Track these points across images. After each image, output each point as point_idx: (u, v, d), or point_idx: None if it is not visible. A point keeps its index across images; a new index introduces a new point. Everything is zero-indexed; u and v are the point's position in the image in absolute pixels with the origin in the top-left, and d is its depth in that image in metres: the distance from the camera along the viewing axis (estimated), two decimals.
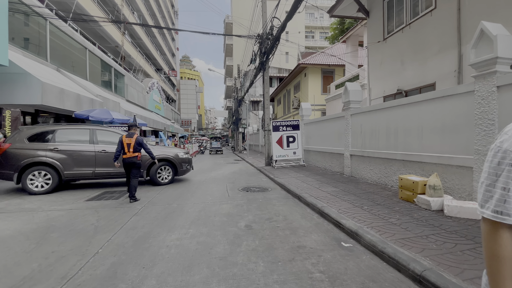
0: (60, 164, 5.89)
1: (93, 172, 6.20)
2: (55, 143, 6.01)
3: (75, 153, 6.07)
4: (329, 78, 17.82)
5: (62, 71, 12.22)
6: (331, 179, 6.61)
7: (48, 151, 5.89)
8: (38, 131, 6.04)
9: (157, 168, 6.73)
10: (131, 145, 5.13)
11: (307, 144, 9.94)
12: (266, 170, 8.82)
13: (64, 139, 6.13)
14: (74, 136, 6.27)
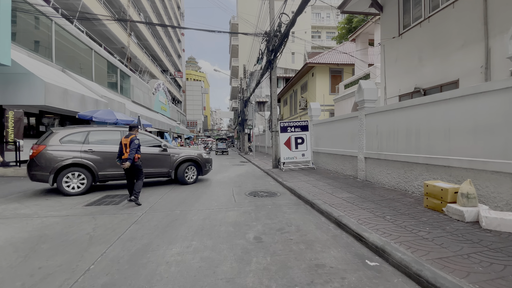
0: (94, 165, 5.90)
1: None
2: (88, 144, 6.00)
3: (108, 154, 6.05)
4: (338, 78, 17.34)
5: (67, 71, 12.13)
6: (345, 184, 6.19)
7: (82, 153, 5.87)
8: (71, 132, 6.00)
9: (185, 168, 6.99)
10: (127, 145, 4.88)
11: (317, 145, 9.53)
12: (273, 173, 8.44)
13: (96, 141, 6.12)
14: (106, 137, 6.26)
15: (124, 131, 6.38)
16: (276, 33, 8.04)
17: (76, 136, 5.97)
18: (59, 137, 5.85)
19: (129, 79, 20.45)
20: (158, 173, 6.72)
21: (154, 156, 6.60)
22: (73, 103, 9.62)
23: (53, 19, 11.24)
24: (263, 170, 9.85)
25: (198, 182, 7.39)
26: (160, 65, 36.37)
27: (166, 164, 6.78)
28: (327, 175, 7.64)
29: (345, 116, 7.55)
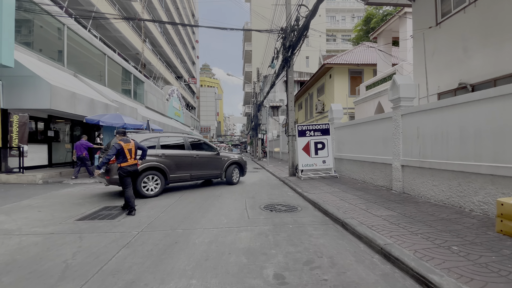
0: (167, 169, 6.30)
1: (190, 175, 6.81)
2: (160, 149, 6.37)
3: (177, 158, 6.56)
4: (358, 79, 16.27)
5: (79, 76, 11.97)
6: (378, 197, 5.21)
7: (157, 157, 6.23)
8: (146, 137, 6.34)
9: (232, 170, 7.73)
10: (132, 150, 4.52)
11: (339, 151, 8.56)
12: (291, 182, 7.55)
13: (165, 146, 6.53)
14: (172, 143, 6.77)
15: (187, 137, 7.09)
16: (294, 27, 7.28)
17: (150, 141, 6.31)
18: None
19: (142, 84, 20.42)
20: (213, 175, 7.41)
21: (211, 160, 7.24)
22: (81, 107, 9.30)
23: (66, 24, 11.14)
24: (278, 178, 8.99)
25: (207, 192, 6.65)
26: (175, 71, 36.71)
27: (219, 166, 7.47)
28: (354, 185, 6.66)
29: (374, 117, 6.58)
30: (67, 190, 6.88)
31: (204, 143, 7.49)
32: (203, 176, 7.13)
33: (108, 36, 18.66)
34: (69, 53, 11.57)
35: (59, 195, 6.31)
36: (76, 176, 8.54)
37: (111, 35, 18.71)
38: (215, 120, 61.22)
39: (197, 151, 7.04)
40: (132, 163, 4.60)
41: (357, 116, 14.61)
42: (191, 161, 6.80)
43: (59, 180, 8.11)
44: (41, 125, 9.85)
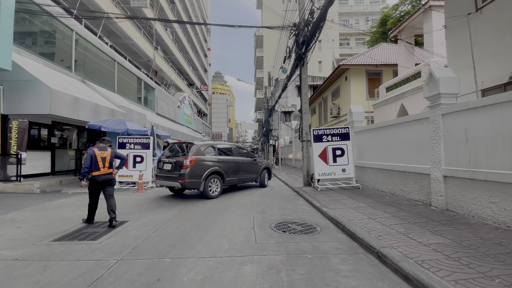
0: (224, 172, 6.87)
1: (238, 178, 7.53)
2: (218, 155, 7.02)
3: (230, 163, 7.23)
4: (376, 81, 15.21)
5: (87, 82, 11.78)
6: (416, 215, 4.23)
7: (217, 162, 6.83)
8: (207, 145, 6.99)
9: (265, 174, 8.73)
10: (106, 159, 4.28)
11: (360, 158, 7.59)
12: (306, 193, 6.66)
13: (221, 152, 7.24)
14: (224, 149, 7.50)
15: (233, 144, 7.97)
16: (308, 20, 6.53)
17: (210, 148, 6.96)
18: (202, 149, 6.68)
19: (153, 91, 20.32)
20: (252, 178, 8.22)
21: (251, 165, 8.08)
22: (85, 113, 8.93)
23: (74, 29, 11.02)
24: (292, 189, 8.10)
25: (210, 205, 5.89)
26: (187, 78, 36.94)
27: (256, 170, 8.30)
28: (382, 199, 5.67)
29: (404, 119, 5.63)
30: (62, 201, 6.36)
31: (245, 150, 8.44)
32: (246, 179, 7.88)
33: (119, 44, 18.76)
34: (77, 59, 11.42)
35: (50, 206, 5.78)
36: None
37: (123, 43, 18.80)
38: (226, 127, 61.10)
39: (241, 157, 7.82)
40: (104, 172, 4.31)
41: (376, 120, 13.51)
42: (239, 166, 7.54)
43: (57, 189, 7.66)
44: (45, 132, 9.57)
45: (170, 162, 6.44)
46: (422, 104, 9.91)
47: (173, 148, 7.05)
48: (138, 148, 8.32)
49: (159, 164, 6.80)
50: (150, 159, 8.34)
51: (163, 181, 6.47)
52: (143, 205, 5.92)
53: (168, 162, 6.48)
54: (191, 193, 7.60)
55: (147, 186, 8.37)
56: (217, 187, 6.69)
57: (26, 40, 9.17)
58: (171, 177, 6.24)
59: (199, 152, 6.48)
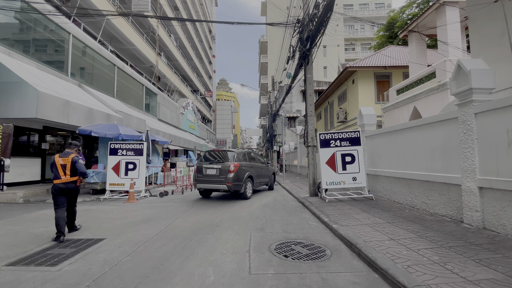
0: (254, 176, 7.92)
1: (260, 182, 8.60)
2: (248, 161, 7.95)
3: (256, 168, 8.30)
4: (385, 84, 14.48)
5: (84, 87, 11.42)
6: (448, 235, 3.46)
7: (250, 168, 7.79)
8: (241, 152, 7.95)
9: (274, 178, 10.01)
10: (66, 166, 3.95)
11: (373, 165, 6.83)
12: (312, 205, 5.93)
13: (250, 159, 8.26)
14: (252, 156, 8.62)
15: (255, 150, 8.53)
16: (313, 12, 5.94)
17: (244, 155, 7.98)
18: (240, 156, 7.60)
19: (155, 97, 20.01)
20: (265, 182, 9.13)
21: (266, 169, 9.19)
22: (76, 117, 8.45)
23: (71, 32, 10.72)
24: (297, 199, 7.36)
25: (205, 219, 5.21)
26: (191, 85, 36.82)
27: (268, 175, 9.32)
28: (400, 213, 4.89)
29: (425, 120, 4.90)
30: (41, 213, 5.77)
31: (261, 156, 9.56)
32: (262, 182, 8.80)
33: (121, 49, 18.59)
34: (74, 62, 11.09)
35: (26, 219, 5.19)
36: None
37: (125, 48, 18.62)
38: (231, 133, 60.73)
39: (260, 163, 8.85)
40: (65, 181, 3.98)
41: (386, 124, 12.72)
42: (261, 171, 8.57)
43: (43, 199, 7.12)
44: (36, 137, 9.12)
45: (214, 168, 7.14)
46: (437, 106, 9.14)
47: (209, 155, 7.74)
48: (130, 155, 7.76)
49: (200, 169, 7.38)
50: (143, 166, 7.75)
51: (206, 185, 7.23)
52: (128, 218, 5.28)
53: (212, 168, 7.18)
54: (187, 203, 6.94)
55: (140, 195, 7.76)
56: (250, 189, 7.67)
57: (19, 43, 8.84)
58: (216, 181, 7.03)
59: (239, 159, 7.49)
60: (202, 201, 7.24)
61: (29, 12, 8.64)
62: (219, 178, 6.96)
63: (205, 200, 7.45)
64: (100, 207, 6.51)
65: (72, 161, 4.02)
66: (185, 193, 9.01)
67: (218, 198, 7.78)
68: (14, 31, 8.92)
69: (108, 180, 7.67)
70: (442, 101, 9.15)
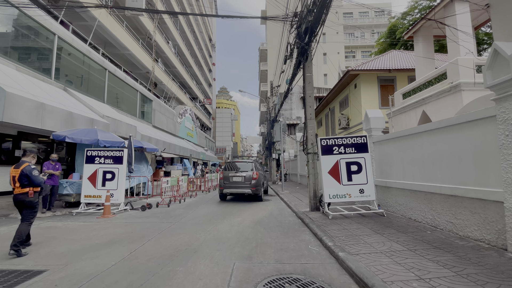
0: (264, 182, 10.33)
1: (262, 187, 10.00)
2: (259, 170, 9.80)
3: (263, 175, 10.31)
4: (389, 88, 13.74)
5: (70, 90, 10.73)
6: (497, 273, 2.55)
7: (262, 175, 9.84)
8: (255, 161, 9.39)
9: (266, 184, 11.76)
10: (15, 177, 3.64)
11: (383, 176, 5.95)
12: (313, 222, 5.03)
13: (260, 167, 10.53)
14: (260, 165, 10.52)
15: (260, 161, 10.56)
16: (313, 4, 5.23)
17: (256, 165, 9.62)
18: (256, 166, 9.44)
19: (151, 103, 19.38)
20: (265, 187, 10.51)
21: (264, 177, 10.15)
22: (53, 122, 7.69)
23: (57, 33, 10.12)
24: (295, 214, 6.45)
25: (182, 241, 4.32)
26: (189, 92, 36.36)
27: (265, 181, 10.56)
28: (421, 234, 3.98)
29: (450, 121, 4.05)
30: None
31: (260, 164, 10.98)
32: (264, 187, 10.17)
33: (116, 54, 18.09)
34: (60, 65, 10.47)
35: None
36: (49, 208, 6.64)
37: (119, 53, 18.10)
38: (231, 141, 59.98)
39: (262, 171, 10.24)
40: (17, 192, 3.66)
41: (392, 130, 11.89)
42: (264, 178, 9.95)
43: (6, 213, 6.25)
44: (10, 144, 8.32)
45: (239, 176, 8.76)
46: (449, 110, 8.35)
47: (232, 165, 9.29)
48: (109, 163, 6.92)
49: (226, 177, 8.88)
50: (123, 176, 6.90)
51: (233, 190, 8.73)
52: (93, 238, 4.40)
53: (238, 176, 8.78)
54: (169, 218, 6.05)
55: (118, 209, 6.87)
56: (262, 193, 9.40)
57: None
58: (242, 186, 8.64)
59: (258, 168, 9.22)
60: (187, 217, 6.35)
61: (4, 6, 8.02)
62: (245, 184, 8.63)
63: (191, 216, 6.56)
64: (68, 223, 5.63)
65: (21, 172, 3.63)
66: (172, 206, 8.12)
67: (207, 214, 6.88)
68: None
69: (83, 192, 6.81)
70: (455, 104, 8.36)
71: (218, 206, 8.02)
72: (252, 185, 8.50)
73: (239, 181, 8.67)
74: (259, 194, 8.85)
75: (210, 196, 11.28)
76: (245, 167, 8.98)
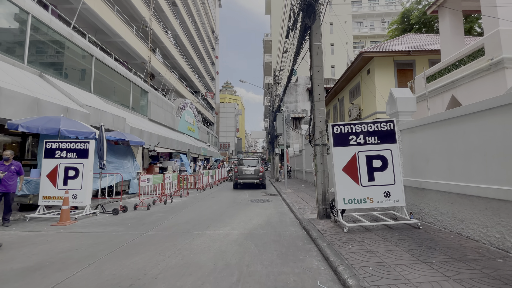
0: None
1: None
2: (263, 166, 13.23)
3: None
4: (407, 73, 12.13)
5: (47, 77, 9.56)
6: None
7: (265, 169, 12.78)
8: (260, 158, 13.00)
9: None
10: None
11: (414, 173, 4.53)
12: (323, 237, 3.68)
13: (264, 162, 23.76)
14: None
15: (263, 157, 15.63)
16: None
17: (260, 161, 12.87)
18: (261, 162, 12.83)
19: (146, 95, 18.16)
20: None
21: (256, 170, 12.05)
22: (12, 108, 6.49)
23: (30, 12, 8.90)
24: (299, 221, 5.10)
25: (134, 269, 3.04)
26: (191, 85, 35.09)
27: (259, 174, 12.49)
28: (490, 264, 2.59)
29: None
30: None
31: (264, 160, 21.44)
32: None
33: (108, 42, 16.88)
34: (34, 49, 9.29)
35: None
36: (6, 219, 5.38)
37: (111, 41, 16.88)
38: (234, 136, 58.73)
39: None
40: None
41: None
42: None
43: None
44: None
45: (251, 170, 11.69)
46: (487, 92, 6.83)
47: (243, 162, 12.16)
48: (71, 157, 5.69)
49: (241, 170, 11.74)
50: (88, 173, 5.66)
51: (246, 179, 11.57)
52: (15, 260, 3.16)
53: (249, 170, 11.67)
54: (139, 228, 4.80)
55: (83, 213, 5.64)
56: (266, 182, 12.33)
57: None
58: (252, 177, 11.58)
59: (261, 164, 12.24)
60: (163, 225, 5.08)
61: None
62: (254, 175, 11.54)
63: (168, 223, 5.30)
64: (8, 233, 4.43)
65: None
66: (154, 208, 6.88)
67: (190, 220, 5.61)
68: None
69: (42, 192, 5.61)
70: (496, 86, 6.82)
71: (206, 209, 6.74)
72: (259, 177, 11.53)
73: (249, 174, 11.64)
74: (264, 183, 11.94)
75: (204, 195, 10.03)
76: (253, 163, 12.00)
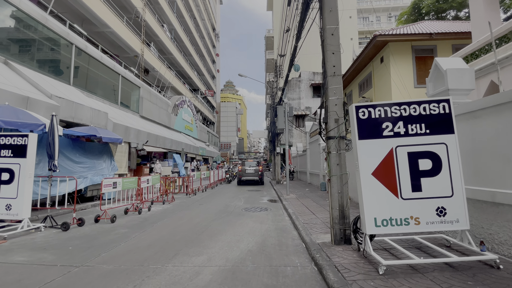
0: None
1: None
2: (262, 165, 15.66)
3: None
4: (427, 61, 10.61)
5: (12, 64, 8.26)
6: None
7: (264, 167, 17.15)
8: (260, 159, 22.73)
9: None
10: None
11: (480, 180, 3.05)
12: (347, 285, 2.24)
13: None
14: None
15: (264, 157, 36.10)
16: None
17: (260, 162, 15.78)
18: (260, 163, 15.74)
19: (137, 90, 16.83)
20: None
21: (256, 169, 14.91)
22: None
23: None
24: (306, 246, 3.65)
25: None
26: (190, 83, 33.76)
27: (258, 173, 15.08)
28: None
29: None
30: None
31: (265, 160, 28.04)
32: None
33: (96, 32, 15.60)
34: (1, 32, 8.04)
35: None
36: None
37: (100, 31, 15.57)
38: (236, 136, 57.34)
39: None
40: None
41: None
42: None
43: None
44: None
45: (252, 169, 14.72)
46: None
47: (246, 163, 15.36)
48: (5, 155, 4.32)
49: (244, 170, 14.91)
50: (26, 177, 4.27)
51: (247, 177, 14.69)
52: None
53: (251, 169, 14.75)
54: (84, 251, 3.41)
55: (18, 229, 4.24)
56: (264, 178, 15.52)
57: None
58: (253, 175, 14.55)
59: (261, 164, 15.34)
60: (112, 252, 3.68)
61: None
62: (254, 174, 14.47)
63: (122, 248, 3.90)
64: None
65: None
66: (122, 219, 5.48)
67: (154, 243, 4.20)
68: None
69: None
70: None
71: (186, 223, 5.30)
72: (259, 175, 14.35)
73: (251, 172, 14.45)
74: (262, 179, 14.60)
75: (193, 200, 8.61)
76: (253, 164, 14.90)
